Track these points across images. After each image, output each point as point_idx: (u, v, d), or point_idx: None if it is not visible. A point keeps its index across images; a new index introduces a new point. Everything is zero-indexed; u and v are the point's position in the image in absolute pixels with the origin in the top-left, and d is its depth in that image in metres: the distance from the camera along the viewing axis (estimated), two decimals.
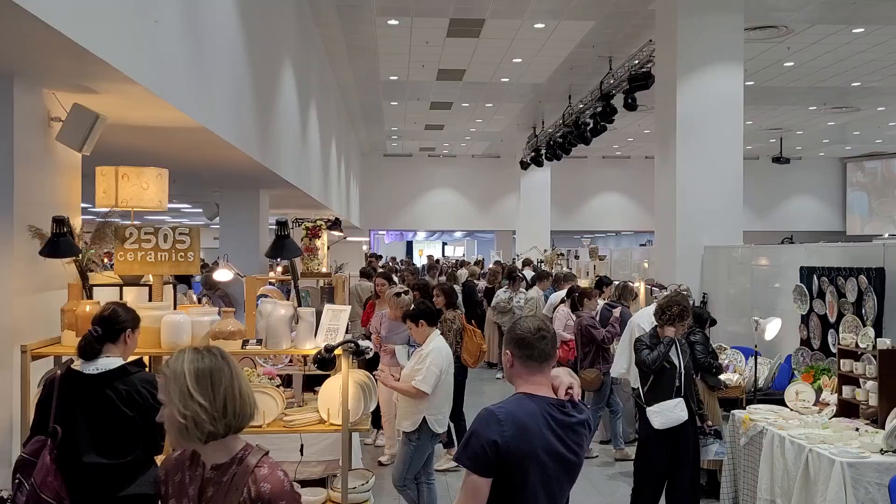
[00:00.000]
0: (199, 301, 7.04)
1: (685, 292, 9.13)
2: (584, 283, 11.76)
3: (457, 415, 7.07)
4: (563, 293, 9.44)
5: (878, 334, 5.91)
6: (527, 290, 12.06)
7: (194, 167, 7.92)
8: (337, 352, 3.84)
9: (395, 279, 10.15)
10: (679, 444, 5.21)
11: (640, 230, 26.55)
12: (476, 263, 19.24)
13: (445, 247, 33.44)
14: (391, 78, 15.33)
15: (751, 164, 24.54)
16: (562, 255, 16.63)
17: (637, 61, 11.85)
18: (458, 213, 26.75)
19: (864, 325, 5.88)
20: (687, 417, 5.16)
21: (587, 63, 13.90)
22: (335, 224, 13.36)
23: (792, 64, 14.01)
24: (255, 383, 4.26)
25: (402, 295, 6.59)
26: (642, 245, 21.72)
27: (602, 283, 9.39)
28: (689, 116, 9.92)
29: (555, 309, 9.36)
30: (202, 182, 10.40)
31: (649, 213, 17.54)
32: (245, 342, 4.03)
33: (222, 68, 5.64)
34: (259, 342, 4.06)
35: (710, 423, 5.65)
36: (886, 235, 23.76)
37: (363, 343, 3.88)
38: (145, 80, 3.92)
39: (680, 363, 5.28)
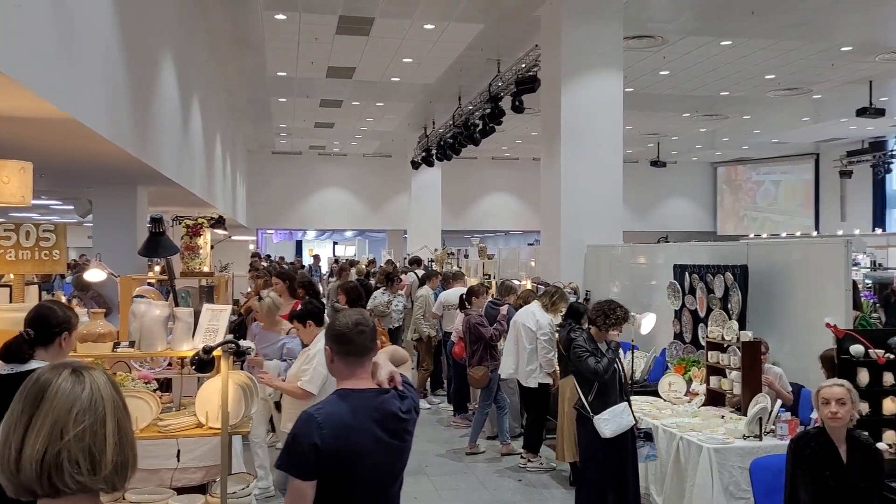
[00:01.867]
0: (70, 302, 6.64)
1: (573, 289, 9.48)
2: (472, 281, 11.90)
3: None
4: (456, 291, 9.51)
5: (742, 327, 6.32)
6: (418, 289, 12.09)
7: (63, 161, 7.47)
8: (216, 353, 3.72)
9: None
10: (623, 450, 4.95)
11: (528, 230, 27.21)
12: (370, 263, 19.12)
13: (336, 246, 33.09)
14: (279, 74, 15.02)
15: (631, 167, 25.76)
16: (452, 254, 16.80)
17: (524, 65, 12.15)
18: (349, 212, 26.55)
19: (730, 319, 6.27)
20: (634, 422, 4.97)
21: (476, 65, 14.12)
22: (218, 222, 12.93)
23: (667, 73, 14.75)
24: (129, 387, 4.07)
25: (265, 298, 6.21)
26: (530, 244, 22.29)
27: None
28: (572, 120, 10.25)
29: (449, 308, 9.49)
30: (73, 177, 9.83)
31: (537, 214, 17.98)
32: (116, 345, 3.84)
33: (94, 57, 5.34)
34: (132, 344, 3.87)
35: (639, 425, 5.29)
36: (752, 236, 25.41)
37: (243, 343, 3.77)
38: (5, 67, 3.66)
39: (621, 366, 5.15)
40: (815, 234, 25.16)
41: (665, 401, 5.83)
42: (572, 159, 10.25)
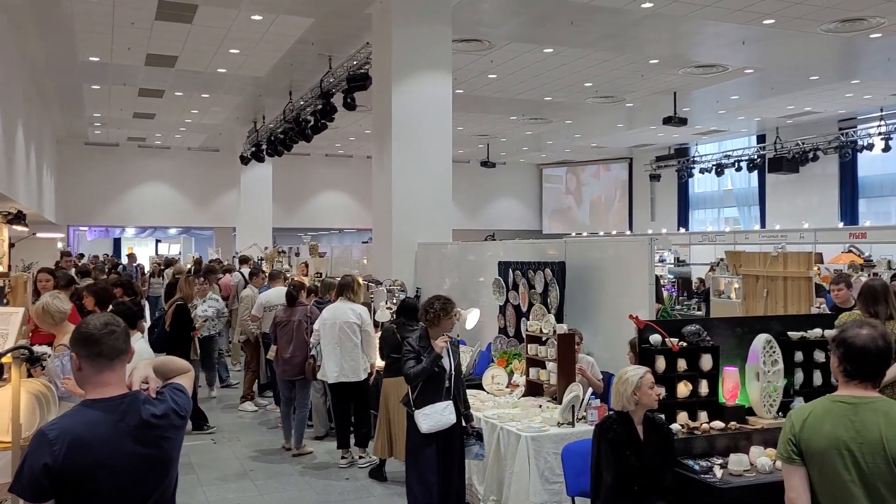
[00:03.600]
0: None
1: (399, 287, 9.56)
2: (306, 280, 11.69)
3: None
4: (276, 291, 9.28)
5: (560, 320, 6.67)
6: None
7: None
8: (6, 359, 3.38)
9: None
10: (451, 447, 4.94)
11: (362, 228, 27.18)
12: (197, 262, 18.22)
13: (159, 244, 31.27)
14: (92, 59, 13.95)
15: (462, 167, 26.53)
16: (283, 252, 16.42)
17: (356, 62, 12.09)
18: (174, 208, 25.20)
19: (549, 313, 6.59)
20: (455, 421, 4.91)
21: (308, 60, 13.88)
22: (17, 217, 11.78)
23: (495, 76, 15.28)
24: None
25: (54, 301, 4.85)
26: (365, 242, 22.26)
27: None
28: (403, 119, 10.33)
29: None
30: None
31: (370, 211, 18.04)
32: None
33: None
34: None
35: (473, 423, 5.23)
36: (573, 234, 26.93)
37: (38, 349, 3.46)
38: None
39: (451, 364, 5.03)
40: (628, 233, 27.13)
41: (488, 393, 6.03)
42: (403, 158, 10.33)
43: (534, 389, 5.90)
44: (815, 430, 2.67)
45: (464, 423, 5.08)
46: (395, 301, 8.62)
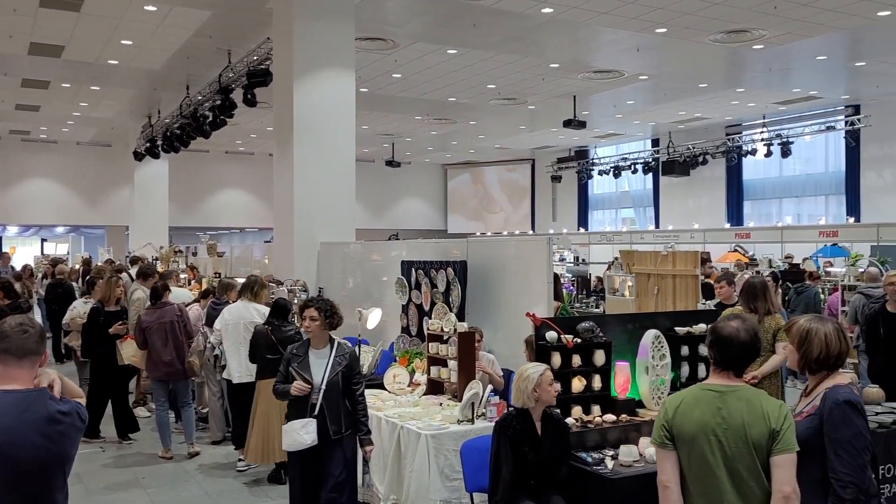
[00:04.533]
0: None
1: (301, 287, 9.42)
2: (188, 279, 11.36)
3: None
4: (175, 292, 8.98)
5: (461, 319, 6.73)
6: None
7: None
8: None
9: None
10: (323, 467, 4.56)
11: (263, 227, 26.60)
12: (85, 262, 17.34)
13: (45, 244, 29.59)
14: None
15: (367, 166, 26.39)
16: (180, 251, 15.85)
17: (256, 57, 11.82)
18: (61, 205, 23.91)
19: (451, 312, 6.64)
20: (314, 442, 4.45)
21: (205, 54, 13.46)
22: None
23: (400, 76, 15.27)
24: None
25: None
26: (267, 242, 21.79)
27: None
28: (305, 116, 10.18)
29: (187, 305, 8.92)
30: None
31: (272, 210, 17.70)
32: None
33: None
34: None
35: (368, 449, 4.76)
36: (478, 234, 27.29)
37: None
38: None
39: (324, 377, 4.52)
40: (531, 232, 27.71)
41: (389, 392, 6.03)
42: (305, 156, 10.18)
43: (435, 388, 5.93)
44: (685, 417, 2.83)
45: (360, 445, 4.64)
46: (295, 301, 8.48)
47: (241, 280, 7.82)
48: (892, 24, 11.77)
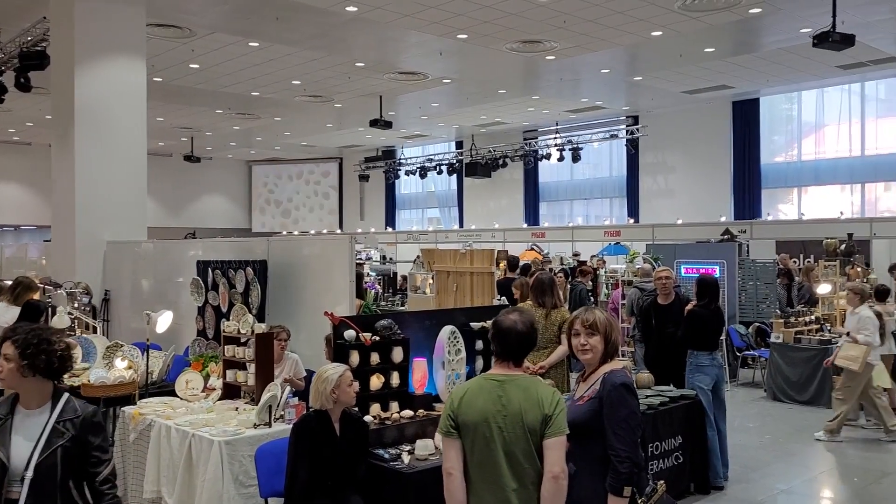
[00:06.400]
0: None
1: (83, 290, 8.69)
2: None
3: None
4: None
5: (262, 320, 6.54)
6: None
7: None
8: None
9: None
10: None
11: (43, 225, 24.21)
12: None
13: None
14: None
15: (164, 160, 24.92)
16: None
17: (31, 38, 10.72)
18: None
19: (251, 313, 6.42)
20: None
21: None
22: None
23: (198, 66, 14.55)
24: None
25: None
26: (48, 241, 19.85)
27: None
28: (89, 105, 9.40)
29: None
30: None
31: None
32: None
33: None
34: None
35: None
36: (285, 233, 26.72)
37: None
38: None
39: (32, 457, 2.73)
40: (339, 231, 27.59)
41: (182, 399, 5.71)
42: (89, 148, 9.41)
43: (231, 392, 5.70)
44: (469, 406, 2.95)
45: None
46: (76, 306, 7.81)
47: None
48: (663, 44, 13.06)
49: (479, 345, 5.24)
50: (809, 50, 11.58)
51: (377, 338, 4.73)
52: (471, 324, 5.25)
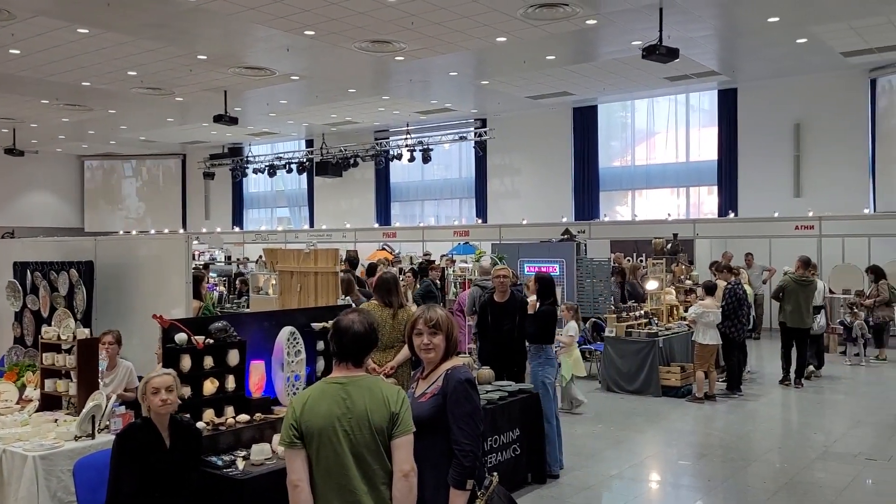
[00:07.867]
0: None
1: None
2: None
3: None
4: None
5: (88, 325, 6.11)
6: None
7: None
8: None
9: None
10: None
11: None
12: None
13: None
14: None
15: None
16: None
17: None
18: None
19: (75, 317, 5.99)
20: None
21: None
22: None
23: (19, 52, 13.40)
24: None
25: None
26: None
27: None
28: None
29: None
30: None
31: None
32: None
33: None
34: None
35: None
36: (122, 232, 25.17)
37: None
38: None
39: None
40: (182, 231, 26.34)
41: None
42: None
43: (51, 403, 5.29)
44: (313, 412, 2.87)
45: None
46: None
47: None
48: (507, 50, 13.50)
49: (321, 345, 5.17)
50: (640, 61, 12.40)
51: (211, 341, 4.55)
52: (312, 324, 5.17)
